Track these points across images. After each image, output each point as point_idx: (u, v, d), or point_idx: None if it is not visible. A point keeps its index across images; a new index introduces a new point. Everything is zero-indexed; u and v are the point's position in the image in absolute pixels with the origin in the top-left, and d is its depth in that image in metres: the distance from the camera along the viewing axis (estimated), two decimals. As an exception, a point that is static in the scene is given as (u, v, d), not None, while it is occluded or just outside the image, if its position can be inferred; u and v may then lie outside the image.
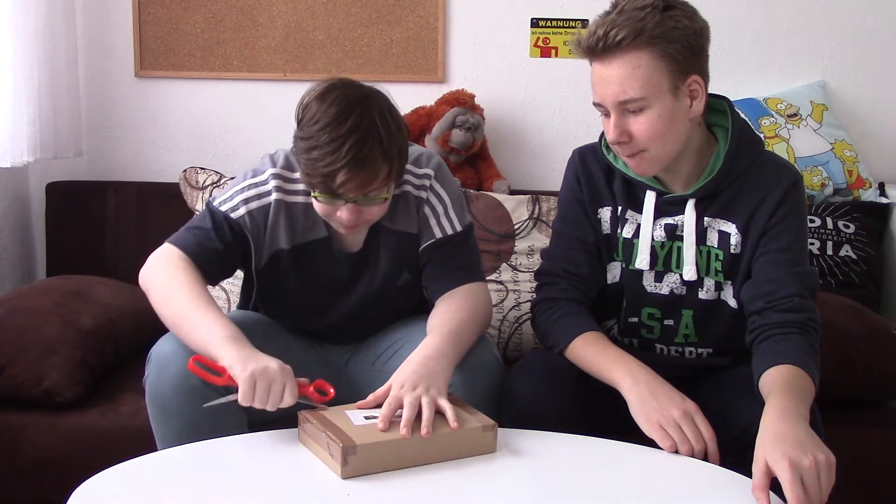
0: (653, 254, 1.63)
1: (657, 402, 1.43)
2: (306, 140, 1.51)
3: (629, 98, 1.48)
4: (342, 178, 1.48)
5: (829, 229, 2.43)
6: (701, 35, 1.51)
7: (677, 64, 1.48)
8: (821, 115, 2.58)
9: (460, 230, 1.72)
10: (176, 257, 1.62)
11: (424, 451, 1.34)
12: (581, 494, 1.30)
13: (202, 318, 1.52)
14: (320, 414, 1.41)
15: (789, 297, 1.52)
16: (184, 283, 1.57)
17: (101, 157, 2.69)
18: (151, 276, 1.63)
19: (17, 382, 1.91)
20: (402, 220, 1.70)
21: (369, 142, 1.48)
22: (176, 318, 1.56)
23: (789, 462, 1.23)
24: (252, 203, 1.66)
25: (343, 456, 1.29)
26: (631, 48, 1.46)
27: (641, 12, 1.46)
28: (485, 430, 1.38)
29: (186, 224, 1.70)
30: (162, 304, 1.59)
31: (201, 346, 1.49)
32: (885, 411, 2.06)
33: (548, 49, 2.64)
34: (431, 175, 1.71)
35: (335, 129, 1.47)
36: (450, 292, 1.69)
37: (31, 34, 2.31)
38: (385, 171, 1.53)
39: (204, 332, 1.50)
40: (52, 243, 2.54)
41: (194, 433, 1.52)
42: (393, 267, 1.73)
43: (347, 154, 1.46)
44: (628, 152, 1.54)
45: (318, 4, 2.62)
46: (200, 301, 1.54)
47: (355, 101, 1.51)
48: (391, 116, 1.54)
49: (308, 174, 1.53)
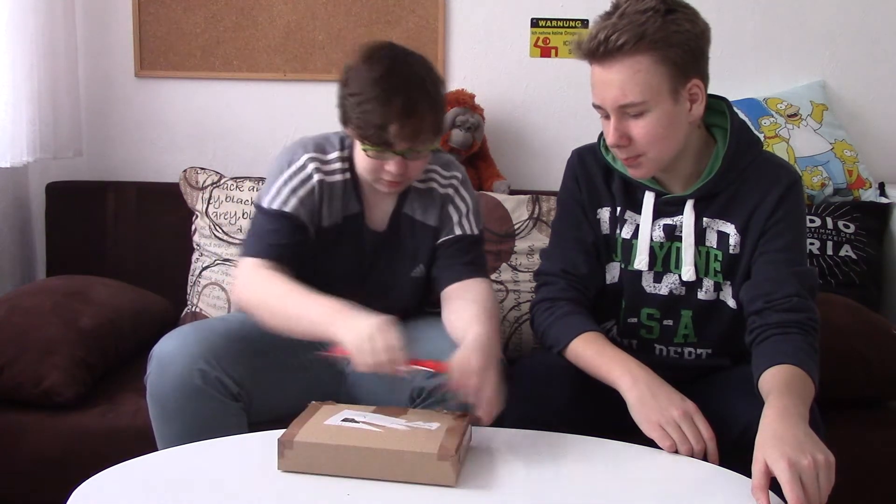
0: (651, 254, 1.63)
1: (657, 402, 1.43)
2: (357, 95, 1.59)
3: (629, 102, 1.48)
4: (395, 129, 1.57)
5: (829, 229, 2.43)
6: (702, 38, 1.51)
7: (678, 68, 1.47)
8: (821, 115, 2.58)
9: (477, 233, 1.79)
10: (259, 267, 1.66)
11: (370, 464, 1.29)
12: (581, 494, 1.30)
13: (307, 309, 1.55)
14: (318, 405, 1.43)
15: (788, 297, 1.52)
16: (278, 286, 1.61)
17: (100, 157, 2.69)
18: (248, 295, 1.65)
19: (17, 382, 1.91)
20: (426, 212, 1.77)
21: (418, 93, 1.58)
22: (288, 322, 1.58)
23: (788, 462, 1.22)
24: (300, 191, 1.71)
25: (280, 448, 1.30)
26: (632, 52, 1.45)
27: (643, 16, 1.45)
28: (440, 458, 1.28)
29: (247, 234, 1.74)
30: (271, 316, 1.60)
31: (320, 334, 1.51)
32: (885, 411, 2.06)
33: (548, 49, 2.64)
34: (459, 178, 1.80)
35: (386, 81, 1.57)
36: (462, 284, 1.72)
37: (31, 34, 2.31)
38: (431, 121, 1.61)
39: (316, 321, 1.52)
40: (52, 243, 2.54)
41: (195, 433, 1.52)
42: (410, 254, 1.78)
43: (400, 105, 1.56)
44: (626, 155, 1.54)
45: (318, 5, 2.62)
46: (300, 296, 1.58)
47: (401, 57, 1.62)
48: (434, 73, 1.65)
49: (360, 127, 1.60)
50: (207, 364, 1.57)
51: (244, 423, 1.63)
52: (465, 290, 1.71)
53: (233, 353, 1.61)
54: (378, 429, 1.37)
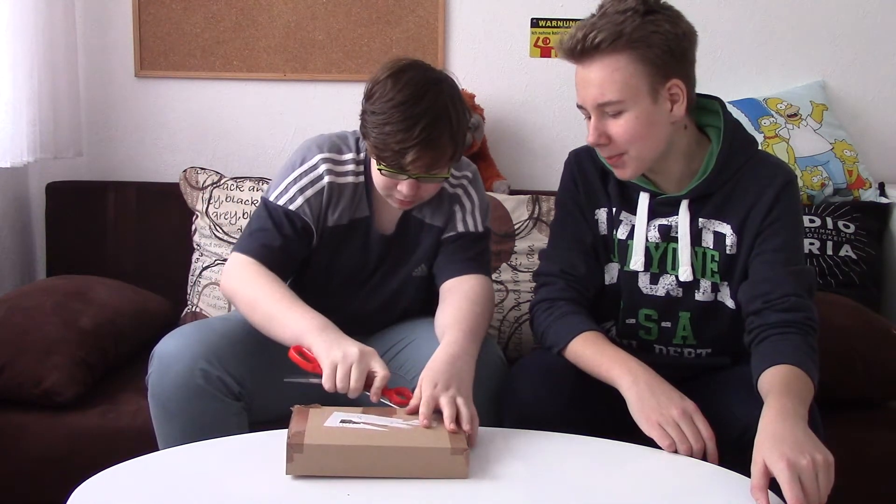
0: (647, 255, 1.63)
1: (656, 402, 1.43)
2: (379, 115, 1.57)
3: (607, 101, 1.48)
4: (412, 157, 1.55)
5: (829, 229, 2.43)
6: (684, 40, 1.50)
7: (656, 68, 1.48)
8: (821, 115, 2.58)
9: (481, 230, 1.79)
10: (248, 264, 1.66)
11: (383, 463, 1.30)
12: (581, 494, 1.30)
13: (289, 315, 1.57)
14: (305, 410, 1.42)
15: (786, 297, 1.52)
16: (264, 287, 1.62)
17: (101, 157, 2.69)
18: (232, 287, 1.67)
19: (17, 382, 1.91)
20: (434, 214, 1.77)
21: (441, 124, 1.56)
22: (264, 321, 1.60)
23: (787, 462, 1.23)
24: (308, 191, 1.71)
25: (289, 452, 1.29)
26: (609, 51, 1.46)
27: (622, 16, 1.46)
28: (453, 452, 1.31)
29: (247, 227, 1.74)
30: (249, 310, 1.63)
31: (294, 340, 1.54)
32: (885, 411, 2.06)
33: (548, 49, 2.64)
34: (470, 177, 1.80)
35: (410, 109, 1.54)
36: (458, 280, 1.72)
37: (31, 34, 2.31)
38: (450, 153, 1.61)
39: (292, 327, 1.55)
40: (52, 243, 2.54)
41: (196, 432, 1.52)
42: (415, 254, 1.78)
43: (420, 134, 1.54)
44: (608, 154, 1.55)
45: (318, 5, 2.62)
46: (284, 300, 1.59)
47: (429, 83, 1.59)
48: (459, 100, 1.62)
49: (378, 148, 1.59)
50: (209, 363, 1.57)
51: (245, 423, 1.63)
52: (459, 287, 1.71)
53: (234, 353, 1.61)
54: (382, 428, 1.37)
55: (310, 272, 1.79)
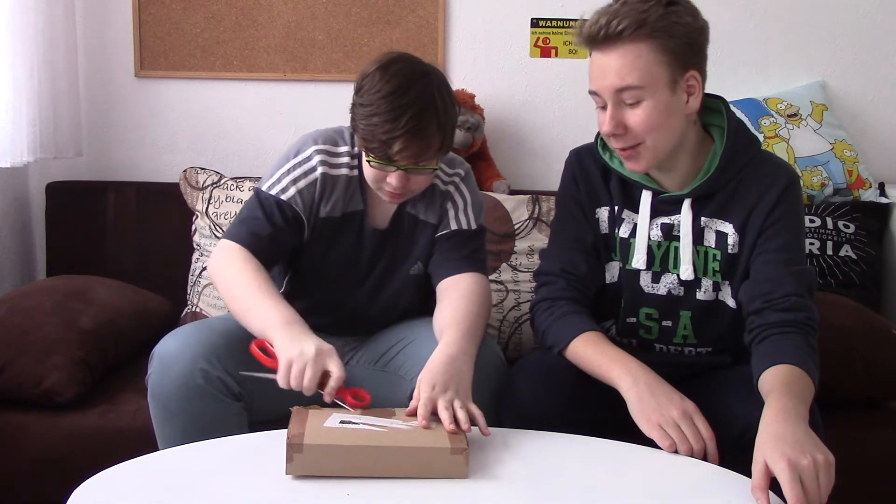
0: (649, 253, 1.63)
1: (656, 402, 1.43)
2: (367, 107, 1.58)
3: (627, 85, 1.48)
4: (399, 147, 1.56)
5: (829, 229, 2.43)
6: (702, 33, 1.52)
7: (677, 58, 1.49)
8: (821, 115, 2.58)
9: (475, 228, 1.79)
10: (235, 250, 1.67)
11: (382, 463, 1.30)
12: (581, 494, 1.30)
13: (260, 306, 1.58)
14: (304, 410, 1.42)
15: (787, 297, 1.52)
16: (244, 275, 1.64)
17: (101, 157, 2.69)
18: (215, 272, 1.70)
19: (17, 382, 1.91)
20: (427, 210, 1.77)
21: (427, 115, 1.57)
22: (240, 311, 1.62)
23: (788, 462, 1.23)
24: (300, 182, 1.72)
25: (289, 453, 1.29)
26: (632, 39, 1.47)
27: (645, 5, 1.47)
28: (453, 452, 1.31)
29: (238, 216, 1.75)
30: (228, 299, 1.66)
31: (260, 333, 1.56)
32: (885, 411, 2.06)
33: (548, 49, 2.64)
34: (462, 175, 1.80)
35: (397, 99, 1.56)
36: (455, 278, 1.72)
37: (31, 34, 2.31)
38: (438, 144, 1.61)
39: (260, 319, 1.56)
40: (52, 243, 2.54)
41: (196, 432, 1.52)
42: (410, 251, 1.78)
43: (406, 124, 1.55)
44: (623, 145, 1.54)
45: (318, 5, 2.62)
46: (259, 291, 1.60)
47: (417, 74, 1.60)
48: (447, 92, 1.63)
49: (366, 139, 1.60)
50: (209, 363, 1.57)
51: (245, 423, 1.63)
52: (455, 285, 1.71)
53: (234, 353, 1.60)
54: (381, 428, 1.37)
55: (304, 266, 1.79)
